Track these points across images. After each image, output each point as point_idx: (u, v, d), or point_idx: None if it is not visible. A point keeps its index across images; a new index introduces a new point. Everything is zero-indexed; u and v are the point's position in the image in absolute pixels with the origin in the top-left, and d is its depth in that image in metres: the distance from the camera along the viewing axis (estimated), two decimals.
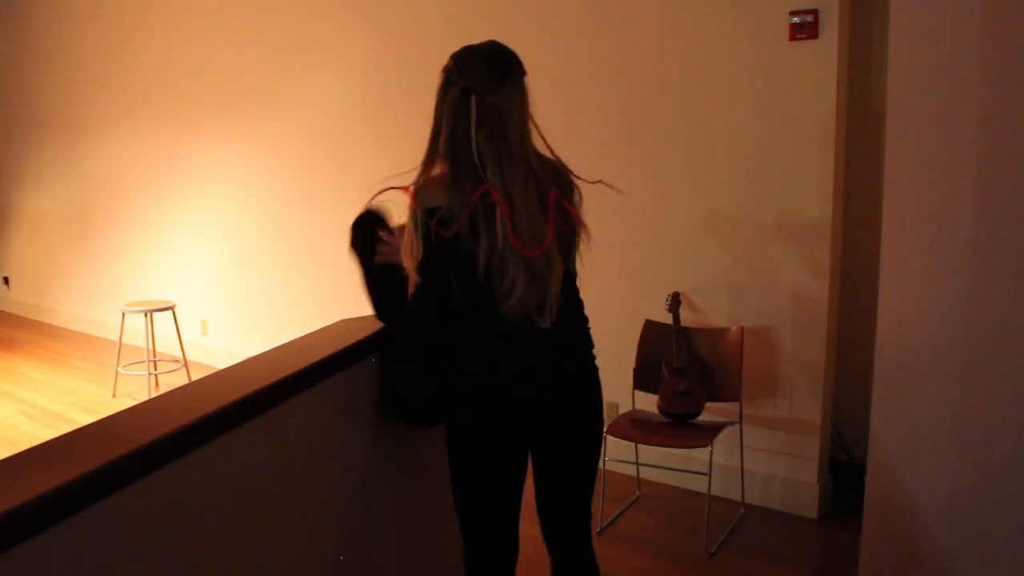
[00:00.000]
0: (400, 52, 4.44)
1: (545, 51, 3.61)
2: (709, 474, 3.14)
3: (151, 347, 5.01)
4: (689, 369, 3.29)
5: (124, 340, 5.06)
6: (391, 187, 1.81)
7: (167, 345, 5.46)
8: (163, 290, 5.86)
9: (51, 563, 1.15)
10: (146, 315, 4.97)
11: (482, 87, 1.74)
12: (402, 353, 1.98)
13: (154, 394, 4.84)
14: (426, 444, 2.15)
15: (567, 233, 1.83)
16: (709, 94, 3.42)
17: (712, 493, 3.17)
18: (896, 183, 2.34)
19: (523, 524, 2.01)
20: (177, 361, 5.29)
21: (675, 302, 3.37)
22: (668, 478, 3.62)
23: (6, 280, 7.56)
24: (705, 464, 3.19)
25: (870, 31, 3.27)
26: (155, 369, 5.15)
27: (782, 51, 3.18)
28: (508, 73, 1.78)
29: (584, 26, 3.76)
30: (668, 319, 3.38)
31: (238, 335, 5.47)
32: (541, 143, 1.85)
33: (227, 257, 5.55)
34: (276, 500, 1.67)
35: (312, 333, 2.04)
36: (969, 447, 2.28)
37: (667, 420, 3.26)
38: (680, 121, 3.52)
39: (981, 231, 2.21)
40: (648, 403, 3.37)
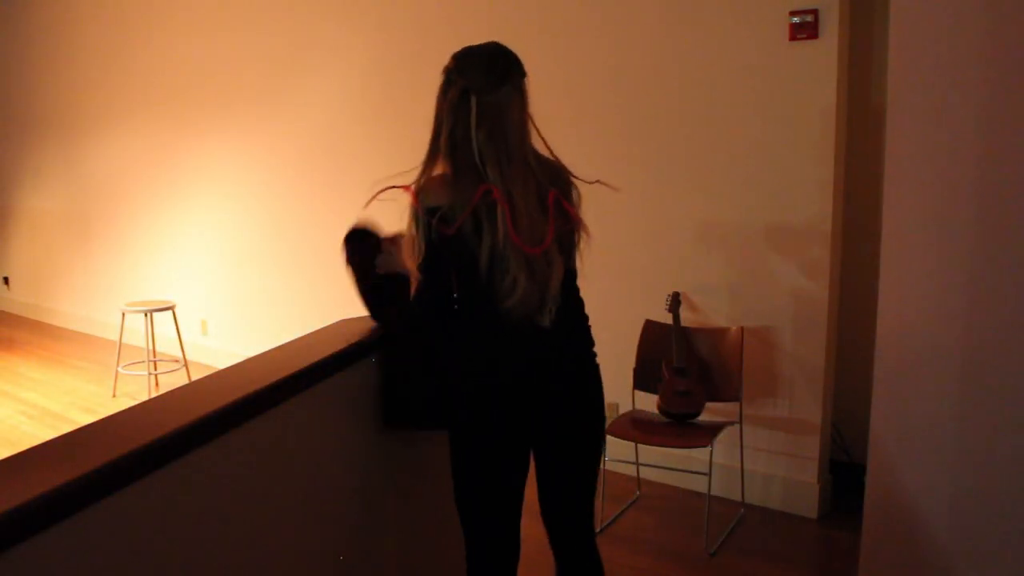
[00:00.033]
0: (400, 52, 4.44)
1: (545, 51, 3.61)
2: (709, 474, 3.14)
3: (151, 347, 5.01)
4: (689, 369, 3.29)
5: (124, 340, 5.06)
6: (392, 186, 1.81)
7: (167, 345, 5.46)
8: (163, 290, 5.86)
9: (51, 563, 1.15)
10: (146, 315, 4.97)
11: (482, 87, 1.74)
12: (402, 353, 1.99)
13: (154, 394, 4.84)
14: (426, 444, 2.15)
15: (567, 233, 1.84)
16: (709, 94, 3.42)
17: (712, 493, 3.17)
18: (896, 183, 2.34)
19: (524, 524, 2.01)
20: (177, 361, 5.29)
21: (675, 302, 3.37)
22: (668, 478, 3.62)
23: (6, 280, 7.56)
24: (705, 464, 3.19)
25: (870, 31, 3.27)
26: (155, 369, 5.15)
27: (782, 51, 3.18)
28: (508, 74, 1.78)
29: (584, 26, 3.76)
30: (668, 319, 3.38)
31: (238, 335, 5.47)
32: (540, 143, 1.86)
33: (227, 257, 5.55)
34: (276, 500, 1.67)
35: (312, 333, 2.04)
36: (969, 447, 2.28)
37: (667, 420, 3.26)
38: (680, 121, 3.52)
39: (981, 231, 2.21)
40: (648, 403, 3.37)
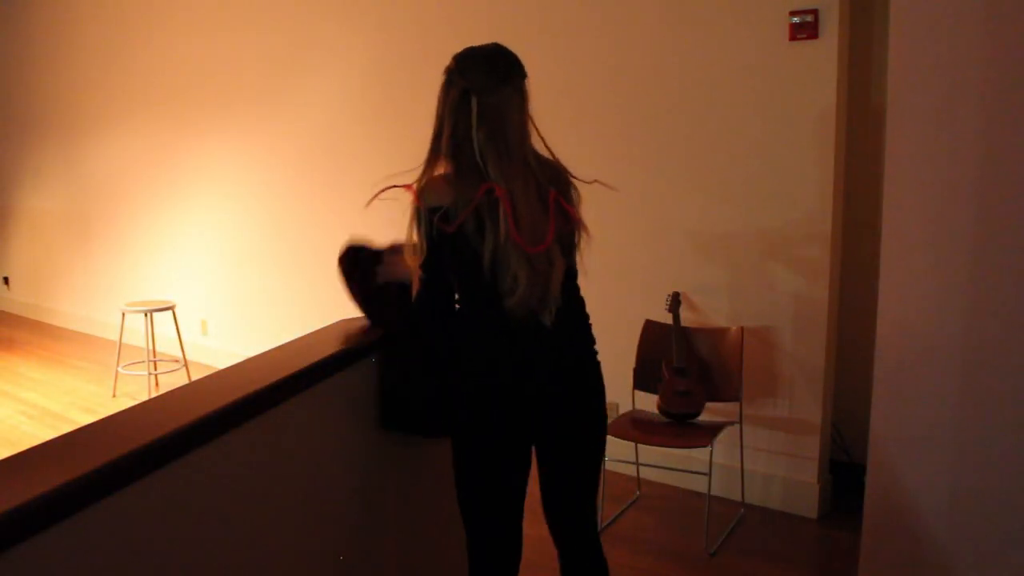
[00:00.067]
0: (400, 52, 4.44)
1: (545, 51, 3.61)
2: (709, 474, 3.14)
3: (151, 347, 5.01)
4: (689, 369, 3.29)
5: (124, 340, 5.06)
6: (394, 185, 1.82)
7: (167, 345, 5.46)
8: (163, 290, 5.86)
9: (51, 563, 1.15)
10: (146, 315, 4.97)
11: (482, 88, 1.76)
12: (402, 354, 1.99)
13: (154, 394, 4.84)
14: (426, 444, 2.14)
15: (567, 233, 1.85)
16: (709, 94, 3.42)
17: (712, 493, 3.17)
18: (896, 183, 2.34)
19: (525, 524, 2.00)
20: (177, 361, 5.29)
21: (675, 302, 3.37)
22: (668, 478, 3.62)
23: (6, 280, 7.55)
24: (705, 464, 3.19)
25: (870, 31, 3.27)
26: (155, 369, 5.15)
27: (782, 51, 3.18)
28: (509, 75, 1.79)
29: (584, 26, 3.76)
30: (668, 319, 3.38)
31: (238, 335, 5.47)
32: (540, 144, 1.87)
33: (227, 257, 5.55)
34: (276, 500, 1.67)
35: (312, 333, 2.04)
36: (969, 447, 2.28)
37: (667, 420, 3.26)
38: (680, 121, 3.52)
39: (981, 231, 2.21)
40: (648, 403, 3.37)
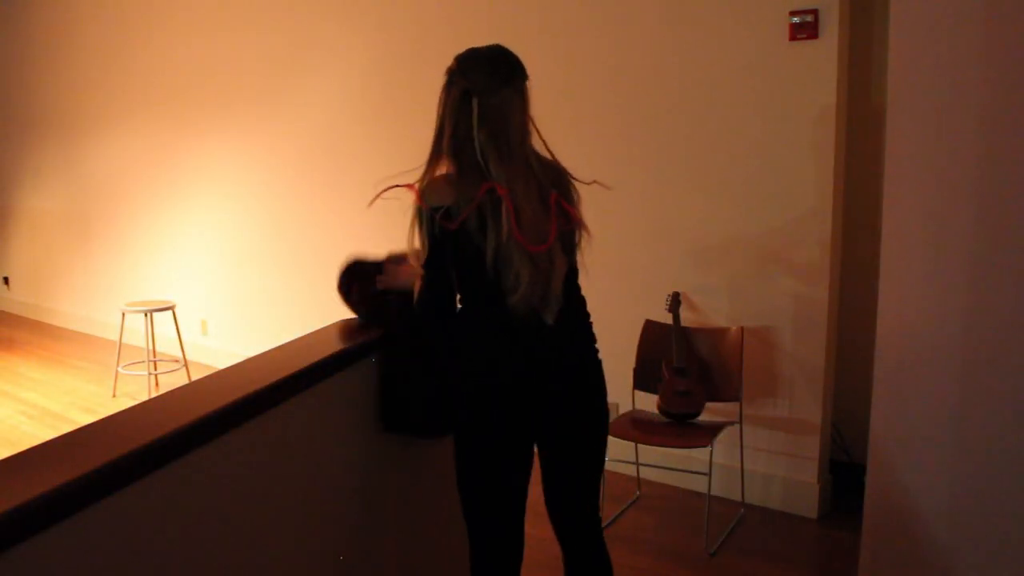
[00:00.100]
0: (400, 52, 4.44)
1: (545, 51, 3.61)
2: (709, 474, 3.14)
3: (151, 347, 5.01)
4: (689, 369, 3.29)
5: (124, 340, 5.06)
6: (396, 184, 1.83)
7: (167, 345, 5.46)
8: (163, 290, 5.86)
9: (51, 563, 1.15)
10: (146, 315, 4.97)
11: (484, 89, 1.77)
12: (403, 354, 1.99)
13: (154, 394, 4.84)
14: (426, 444, 2.14)
15: (568, 233, 1.86)
16: (709, 94, 3.42)
17: (712, 493, 3.17)
18: (896, 183, 2.34)
19: (527, 526, 2.01)
20: (177, 361, 5.29)
21: (675, 302, 3.37)
22: (668, 478, 3.62)
23: (6, 280, 7.55)
24: (705, 464, 3.19)
25: (870, 31, 3.27)
26: (155, 369, 5.15)
27: (782, 51, 3.18)
28: (510, 76, 1.81)
29: (584, 26, 3.75)
30: (668, 319, 3.38)
31: (238, 335, 5.47)
32: (540, 145, 1.88)
33: (227, 257, 5.55)
34: (276, 500, 1.67)
35: (312, 333, 2.04)
36: (969, 447, 2.28)
37: (667, 420, 3.26)
38: (680, 121, 3.52)
39: (981, 231, 2.21)
40: (648, 403, 3.37)
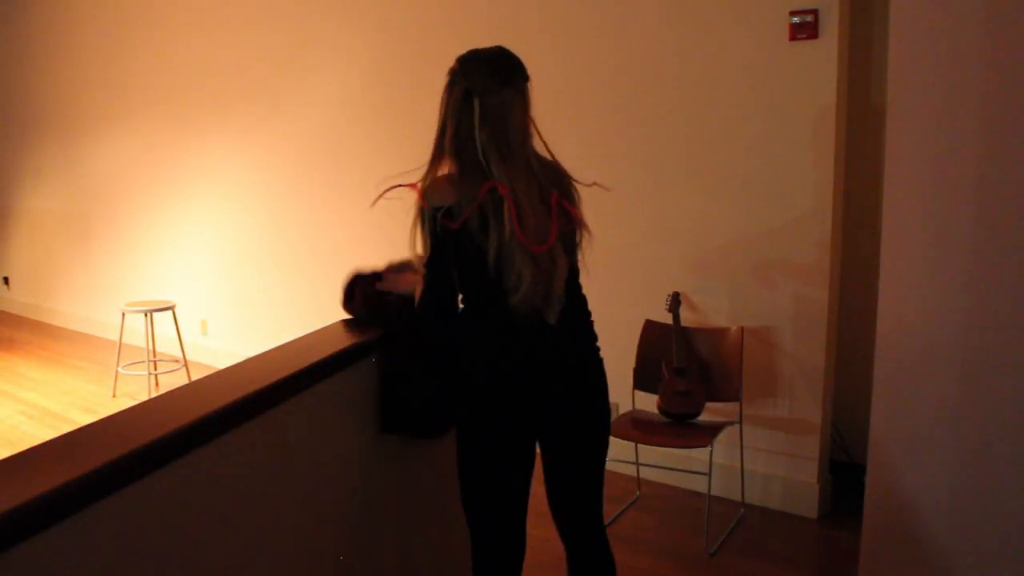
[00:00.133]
0: (400, 52, 4.44)
1: (545, 51, 3.61)
2: (709, 474, 3.14)
3: (151, 347, 5.01)
4: (689, 369, 3.29)
5: (124, 340, 5.06)
6: (399, 184, 1.84)
7: (167, 345, 5.46)
8: (163, 290, 5.86)
9: (51, 563, 1.15)
10: (146, 315, 4.97)
11: (485, 89, 1.79)
12: (403, 353, 1.99)
13: (154, 394, 4.84)
14: (427, 444, 2.14)
15: (569, 233, 1.88)
16: (709, 94, 3.42)
17: (712, 493, 3.17)
18: (896, 183, 2.34)
19: (529, 526, 2.01)
20: (177, 361, 5.29)
21: (675, 302, 3.37)
22: (668, 478, 3.62)
23: (6, 280, 7.55)
24: (705, 464, 3.19)
25: (870, 31, 3.27)
26: (155, 369, 5.15)
27: (782, 51, 3.18)
28: (511, 77, 1.82)
29: (584, 26, 3.75)
30: (668, 319, 3.38)
31: (238, 335, 5.47)
32: (541, 146, 1.90)
33: (227, 257, 5.55)
34: (276, 500, 1.67)
35: (312, 333, 2.04)
36: (969, 447, 2.28)
37: (667, 420, 3.26)
38: (680, 121, 3.52)
39: (981, 231, 2.21)
40: (648, 403, 3.37)
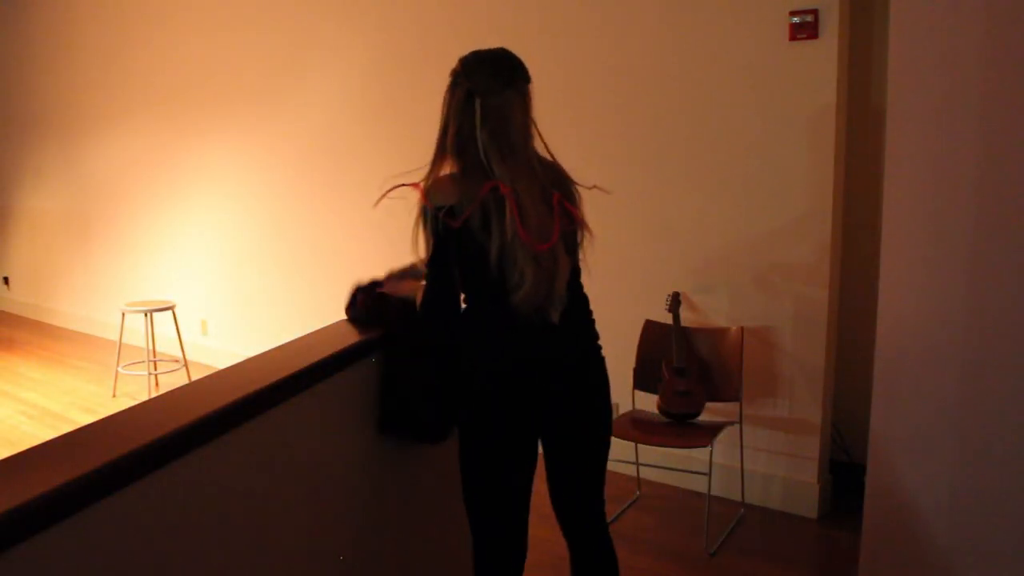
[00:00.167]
0: (400, 52, 4.44)
1: (545, 51, 3.61)
2: (709, 474, 3.14)
3: (151, 347, 5.01)
4: (689, 369, 3.29)
5: (124, 340, 5.06)
6: (402, 184, 1.85)
7: (167, 345, 5.46)
8: (163, 290, 5.86)
9: (51, 563, 1.15)
10: (146, 315, 4.97)
11: (486, 90, 1.80)
12: (403, 354, 1.99)
13: (154, 394, 4.84)
14: (426, 445, 2.14)
15: (570, 233, 1.89)
16: (709, 94, 3.42)
17: (712, 493, 3.17)
18: (896, 183, 2.34)
19: (530, 527, 2.01)
20: (177, 361, 5.29)
21: (675, 302, 3.37)
22: (668, 478, 3.62)
23: (6, 280, 7.55)
24: (705, 464, 3.19)
25: (870, 31, 3.27)
26: (155, 369, 5.15)
27: (782, 51, 3.18)
28: (512, 78, 1.84)
29: (584, 26, 3.75)
30: (668, 319, 3.38)
31: (238, 335, 5.47)
32: (542, 148, 1.91)
33: (227, 257, 5.55)
34: (276, 500, 1.67)
35: (312, 333, 2.04)
36: (969, 446, 2.28)
37: (667, 420, 3.26)
38: (680, 121, 3.52)
39: (981, 231, 2.21)
40: (648, 403, 3.37)
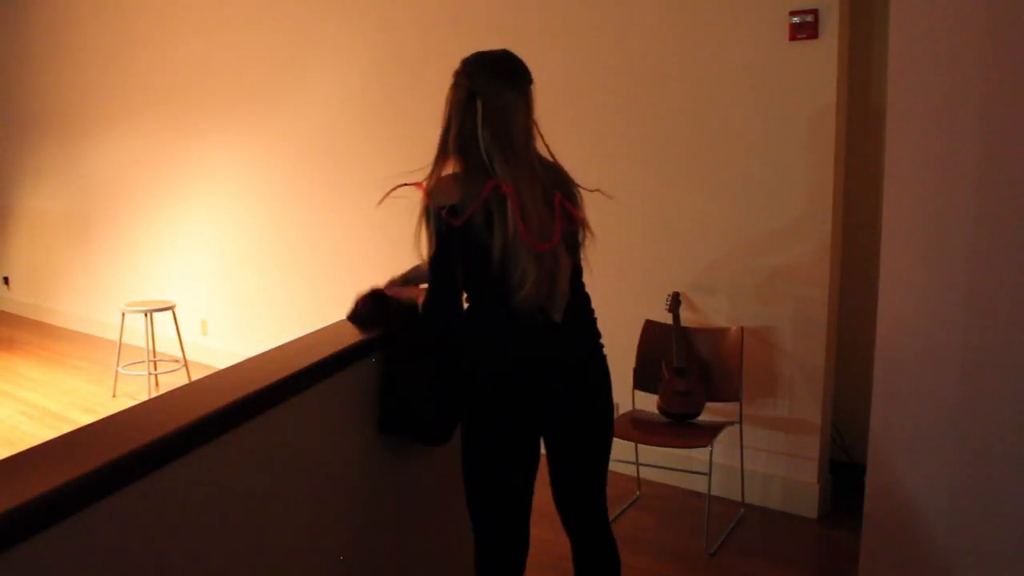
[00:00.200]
0: (400, 52, 4.44)
1: (545, 51, 3.61)
2: (709, 474, 3.14)
3: (151, 347, 5.01)
4: (689, 369, 3.29)
5: (124, 340, 5.06)
6: (405, 183, 1.86)
7: (167, 345, 5.46)
8: (163, 290, 5.86)
9: (51, 563, 1.15)
10: (146, 315, 4.97)
11: (487, 91, 1.82)
12: (403, 354, 1.99)
13: (154, 394, 4.84)
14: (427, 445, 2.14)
15: (571, 233, 1.90)
16: (709, 94, 3.42)
17: (712, 493, 3.17)
18: (896, 183, 2.34)
19: (531, 527, 2.01)
20: (177, 361, 5.29)
21: (675, 302, 3.37)
22: (668, 478, 3.62)
23: (6, 280, 7.55)
24: (705, 464, 3.19)
25: (870, 31, 3.27)
26: (155, 369, 5.15)
27: (782, 51, 3.18)
28: (513, 79, 1.85)
29: (584, 26, 3.75)
30: (668, 319, 3.38)
31: (238, 335, 5.47)
32: (544, 149, 1.92)
33: (227, 257, 5.55)
34: (276, 500, 1.67)
35: (312, 333, 2.04)
36: (968, 446, 2.28)
37: (667, 420, 3.26)
38: (680, 121, 3.52)
39: (980, 231, 2.21)
40: (648, 403, 3.37)
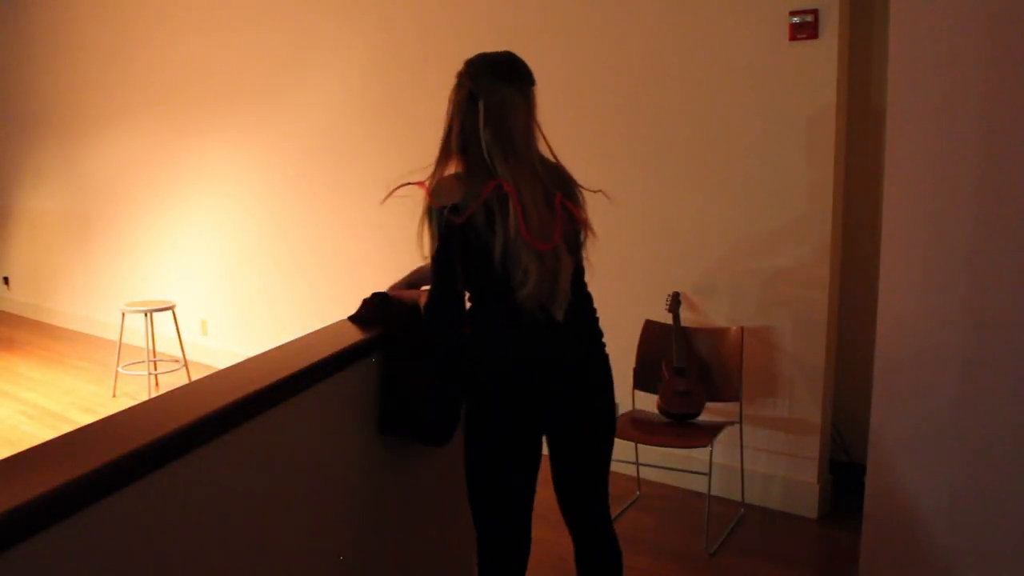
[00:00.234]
0: (400, 52, 4.44)
1: (545, 51, 3.60)
2: (709, 474, 3.14)
3: (151, 347, 5.01)
4: (689, 369, 3.29)
5: (124, 340, 5.06)
6: (408, 183, 1.88)
7: (167, 345, 5.46)
8: (163, 290, 5.86)
9: (51, 563, 1.15)
10: (146, 315, 4.97)
11: (489, 92, 1.83)
12: (403, 354, 1.99)
13: (154, 394, 4.84)
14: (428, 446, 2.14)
15: (573, 233, 1.90)
16: (709, 94, 3.42)
17: (712, 493, 3.17)
18: (896, 183, 2.35)
19: (532, 528, 2.01)
20: (177, 361, 5.29)
21: (675, 302, 3.37)
22: (668, 478, 3.62)
23: (6, 280, 7.55)
24: (705, 464, 3.19)
25: (870, 31, 3.27)
26: (155, 369, 5.15)
27: (782, 51, 3.18)
28: (516, 81, 1.87)
29: (584, 26, 3.75)
30: (668, 319, 3.38)
31: (238, 335, 5.47)
32: (546, 150, 1.93)
33: (227, 257, 5.55)
34: (276, 500, 1.67)
35: (312, 333, 2.04)
36: (969, 446, 2.28)
37: (667, 420, 3.26)
38: (680, 121, 3.52)
39: (980, 231, 2.21)
40: (648, 403, 3.37)
